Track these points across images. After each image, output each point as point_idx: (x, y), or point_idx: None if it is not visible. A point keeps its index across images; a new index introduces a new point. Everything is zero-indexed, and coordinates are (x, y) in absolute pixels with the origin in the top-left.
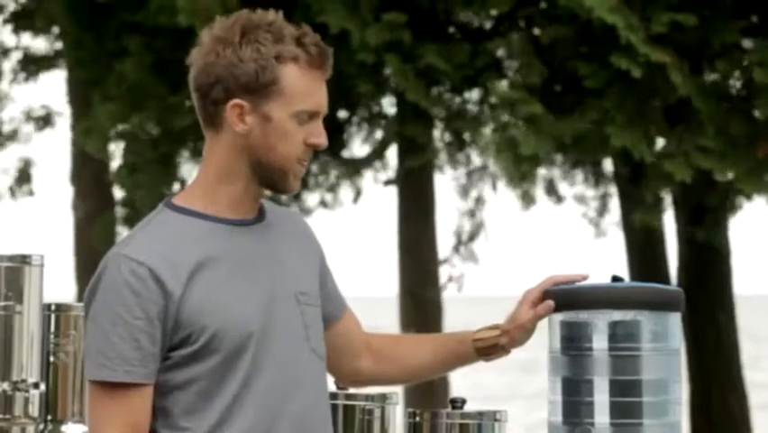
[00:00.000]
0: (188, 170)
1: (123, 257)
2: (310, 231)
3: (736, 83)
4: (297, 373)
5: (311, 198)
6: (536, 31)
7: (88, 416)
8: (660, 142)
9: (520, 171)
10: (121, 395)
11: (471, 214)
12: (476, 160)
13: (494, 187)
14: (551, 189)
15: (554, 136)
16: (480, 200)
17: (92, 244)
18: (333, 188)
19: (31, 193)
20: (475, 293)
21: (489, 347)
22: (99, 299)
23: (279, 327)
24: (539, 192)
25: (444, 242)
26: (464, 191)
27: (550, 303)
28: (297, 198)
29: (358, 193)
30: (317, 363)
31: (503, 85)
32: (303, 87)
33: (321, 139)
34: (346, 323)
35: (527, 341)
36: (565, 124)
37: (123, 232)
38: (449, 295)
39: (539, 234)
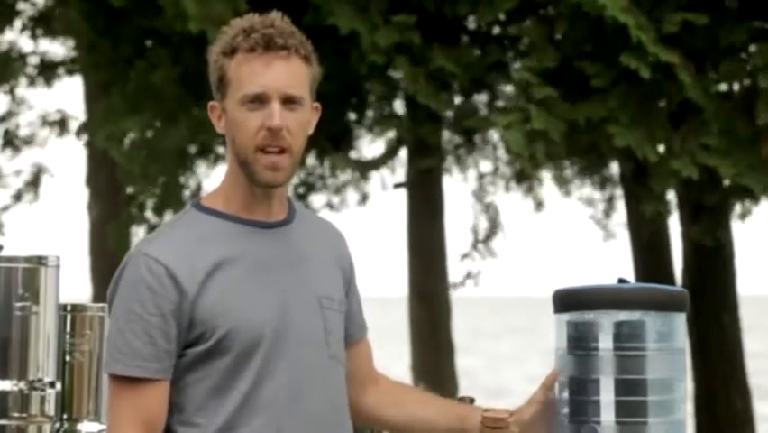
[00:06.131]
0: (204, 172)
1: (143, 255)
2: (344, 244)
3: (738, 85)
4: (313, 376)
5: (317, 200)
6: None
7: (106, 408)
8: (663, 142)
9: (530, 150)
10: (135, 389)
11: (486, 214)
12: (486, 165)
13: (506, 188)
14: (560, 181)
15: (566, 120)
16: (490, 206)
17: (107, 245)
18: (339, 191)
19: (36, 199)
20: (484, 293)
21: (496, 419)
22: (118, 294)
23: (296, 330)
24: (548, 195)
25: (453, 243)
26: (479, 196)
27: (554, 373)
28: (302, 198)
29: (365, 196)
30: (337, 368)
31: (519, 69)
32: (244, 72)
33: (271, 121)
34: (360, 350)
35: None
36: (578, 110)
37: (137, 232)
38: (456, 295)
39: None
